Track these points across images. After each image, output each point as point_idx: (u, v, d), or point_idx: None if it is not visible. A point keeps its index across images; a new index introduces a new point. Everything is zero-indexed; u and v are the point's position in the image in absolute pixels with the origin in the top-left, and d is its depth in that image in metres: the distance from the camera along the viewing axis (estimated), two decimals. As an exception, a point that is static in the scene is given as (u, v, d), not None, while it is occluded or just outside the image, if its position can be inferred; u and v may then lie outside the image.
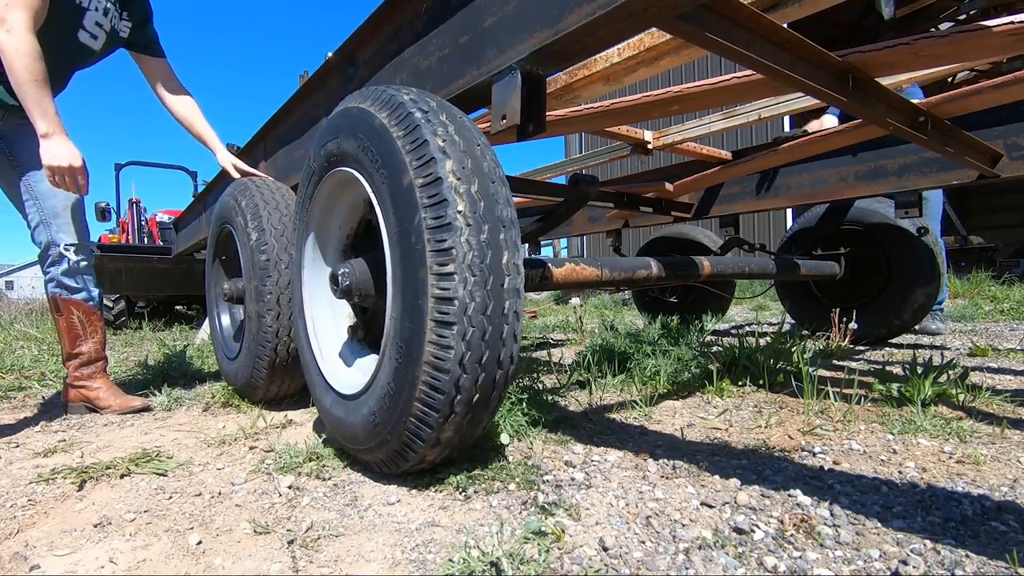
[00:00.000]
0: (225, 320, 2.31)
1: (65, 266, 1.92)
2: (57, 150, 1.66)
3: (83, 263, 1.96)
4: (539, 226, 1.52)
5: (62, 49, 1.80)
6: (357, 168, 1.21)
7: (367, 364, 1.40)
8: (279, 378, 1.85)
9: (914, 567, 0.80)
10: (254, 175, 2.13)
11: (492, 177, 1.06)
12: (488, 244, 1.00)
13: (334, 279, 1.30)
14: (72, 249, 1.93)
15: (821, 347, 2.74)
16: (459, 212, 0.98)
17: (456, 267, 0.97)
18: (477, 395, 1.03)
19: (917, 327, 3.70)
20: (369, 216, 1.43)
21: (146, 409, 1.98)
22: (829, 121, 3.51)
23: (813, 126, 3.50)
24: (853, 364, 2.51)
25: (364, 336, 1.48)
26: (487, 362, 1.01)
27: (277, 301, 1.77)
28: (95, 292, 2.01)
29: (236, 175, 2.13)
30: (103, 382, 2.02)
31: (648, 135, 2.52)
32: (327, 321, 1.50)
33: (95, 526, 1.02)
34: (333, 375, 1.38)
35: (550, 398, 1.70)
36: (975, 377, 2.10)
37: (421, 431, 1.04)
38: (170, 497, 1.15)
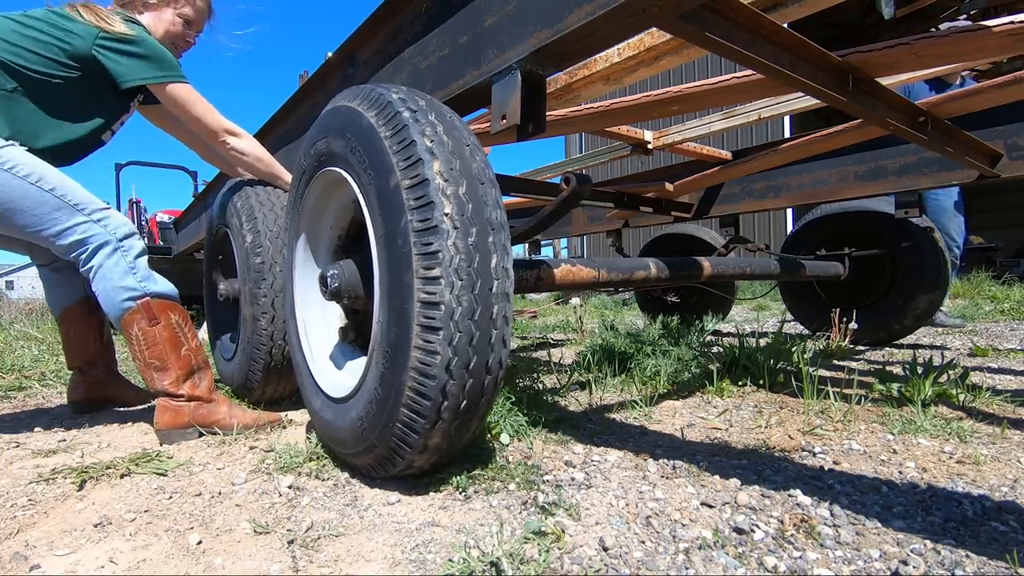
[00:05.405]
0: (222, 320, 2.31)
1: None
2: None
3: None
4: (531, 227, 1.51)
5: (84, 146, 1.77)
6: (346, 168, 1.20)
7: (357, 367, 1.38)
8: (274, 380, 1.85)
9: (914, 567, 0.80)
10: None
11: (481, 179, 1.04)
12: (476, 247, 0.98)
13: (323, 280, 1.29)
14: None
15: (821, 347, 2.74)
16: (446, 215, 0.96)
17: (443, 271, 0.95)
18: (465, 401, 1.01)
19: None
20: (359, 217, 1.42)
21: (277, 422, 1.67)
22: None
23: None
24: (853, 364, 2.51)
25: (355, 338, 1.47)
26: (475, 368, 0.99)
27: (272, 304, 1.77)
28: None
29: None
30: (220, 395, 1.68)
31: (648, 135, 2.52)
32: (318, 323, 1.49)
33: (95, 526, 1.02)
34: (323, 377, 1.37)
35: (550, 398, 1.70)
36: (975, 377, 2.10)
37: (408, 437, 1.03)
38: (170, 497, 1.15)
